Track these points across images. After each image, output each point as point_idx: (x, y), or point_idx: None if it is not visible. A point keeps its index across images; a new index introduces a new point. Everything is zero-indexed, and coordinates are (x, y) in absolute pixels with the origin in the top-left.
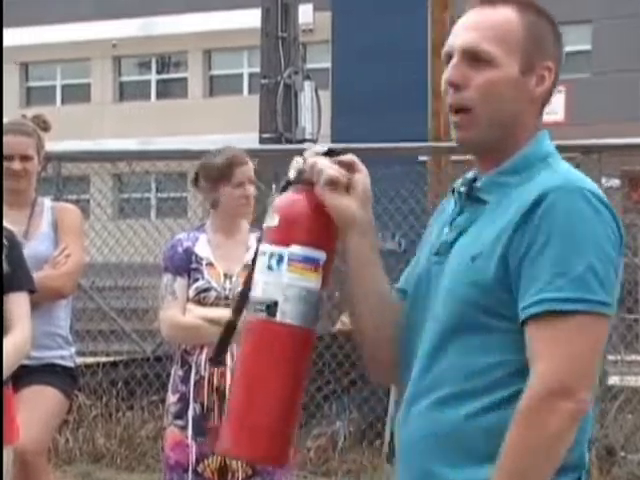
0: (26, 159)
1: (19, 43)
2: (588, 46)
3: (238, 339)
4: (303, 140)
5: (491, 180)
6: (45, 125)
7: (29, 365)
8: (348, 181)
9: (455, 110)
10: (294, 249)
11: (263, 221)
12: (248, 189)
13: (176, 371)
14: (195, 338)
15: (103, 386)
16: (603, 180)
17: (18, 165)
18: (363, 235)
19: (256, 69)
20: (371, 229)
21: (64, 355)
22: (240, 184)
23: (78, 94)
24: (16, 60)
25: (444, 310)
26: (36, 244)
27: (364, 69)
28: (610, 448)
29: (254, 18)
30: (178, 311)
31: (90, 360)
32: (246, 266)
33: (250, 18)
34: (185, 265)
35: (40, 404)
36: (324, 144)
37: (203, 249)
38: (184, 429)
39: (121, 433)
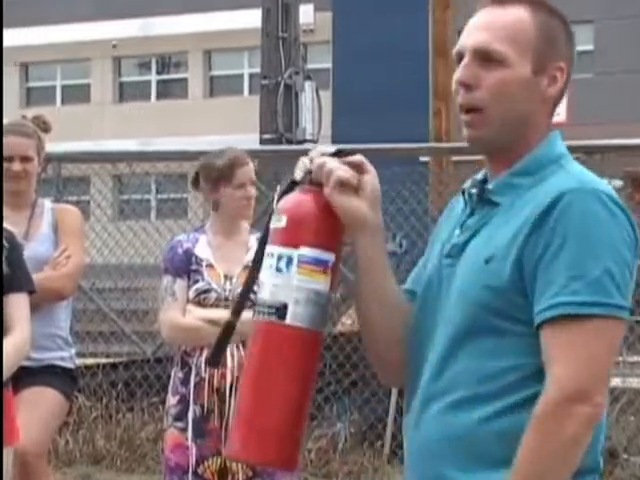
0: (26, 160)
1: (19, 43)
2: (590, 46)
3: (236, 340)
4: (304, 141)
5: (503, 182)
6: (45, 126)
7: (29, 366)
8: (357, 182)
9: (466, 110)
10: (304, 251)
11: (263, 222)
12: (249, 190)
13: (176, 373)
14: (195, 339)
15: (103, 387)
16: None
17: (18, 166)
18: (373, 236)
19: (257, 69)
20: (380, 230)
21: (64, 356)
22: (241, 185)
23: (78, 95)
24: (16, 60)
25: (457, 313)
26: (36, 245)
27: (365, 69)
28: (612, 450)
29: (255, 18)
30: (178, 312)
31: (90, 361)
32: (246, 267)
33: (251, 18)
34: (185, 266)
35: (40, 405)
36: (332, 145)
37: (203, 250)
38: (184, 431)
39: (121, 435)
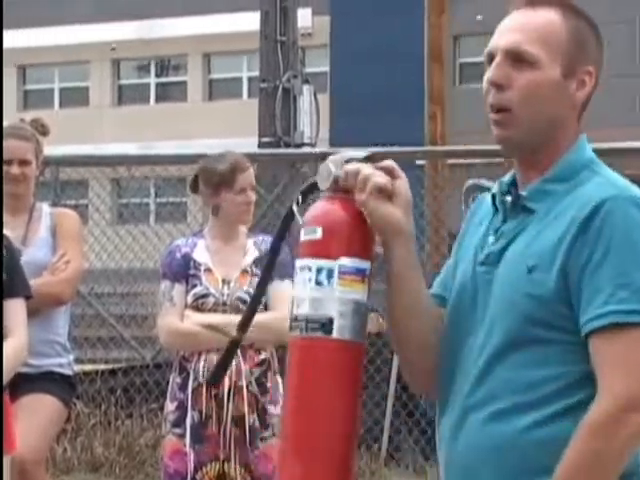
0: (25, 163)
1: (16, 45)
2: None
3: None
4: (301, 144)
5: (537, 188)
6: (43, 129)
7: (27, 373)
8: (391, 188)
9: (496, 110)
10: (343, 261)
11: (261, 225)
12: (250, 195)
13: (174, 378)
14: (193, 345)
15: (102, 394)
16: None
17: (17, 169)
18: (407, 242)
19: (255, 73)
20: (413, 236)
21: (62, 363)
22: (242, 190)
23: (76, 97)
24: (13, 63)
25: (499, 324)
26: (34, 250)
27: (362, 73)
28: None
29: (253, 21)
30: (176, 318)
31: (88, 368)
32: (244, 271)
33: (249, 21)
34: (183, 271)
35: (39, 412)
36: (363, 150)
37: (201, 255)
38: (182, 437)
39: (120, 442)
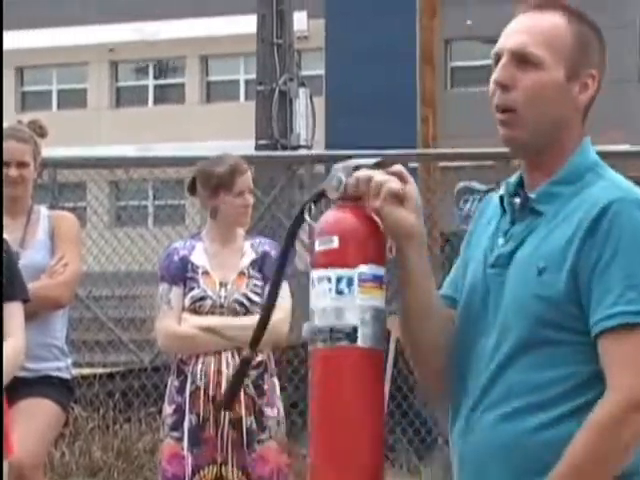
0: (23, 165)
1: (14, 46)
2: None
3: (231, 347)
4: (298, 147)
5: (544, 191)
6: (41, 131)
7: (25, 377)
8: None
9: (502, 110)
10: (362, 269)
11: (258, 228)
12: (248, 198)
13: (172, 382)
14: (191, 348)
15: (100, 398)
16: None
17: (14, 172)
18: (420, 246)
19: (252, 75)
20: (425, 239)
21: (60, 367)
22: (240, 193)
23: (74, 99)
24: (11, 64)
25: (511, 326)
26: (32, 253)
27: (358, 75)
28: None
29: (250, 24)
30: (174, 321)
31: (86, 371)
32: (241, 273)
33: (246, 24)
34: (181, 274)
35: (36, 417)
36: (376, 157)
37: (199, 257)
38: (180, 441)
39: (118, 446)
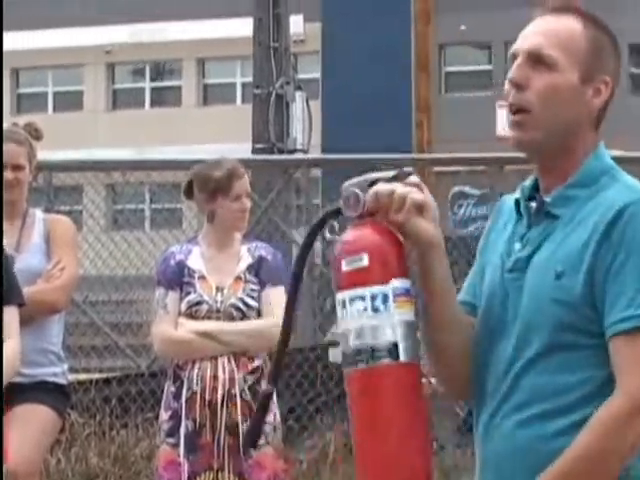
0: (18, 168)
1: (9, 48)
2: None
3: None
4: (294, 150)
5: (560, 194)
6: (37, 133)
7: (21, 383)
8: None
9: (515, 110)
10: (395, 284)
11: (255, 232)
12: (245, 202)
13: (169, 387)
14: (187, 352)
15: (96, 403)
16: None
17: (10, 174)
18: (443, 256)
19: (249, 78)
20: (444, 248)
21: (56, 372)
22: (238, 197)
23: (70, 101)
24: (6, 65)
25: (530, 331)
26: (28, 257)
27: (354, 79)
28: None
29: (247, 27)
30: (170, 325)
31: (83, 377)
32: (238, 278)
33: (243, 27)
34: (177, 279)
35: (32, 423)
36: (397, 169)
37: (196, 262)
38: (176, 447)
39: (115, 452)
